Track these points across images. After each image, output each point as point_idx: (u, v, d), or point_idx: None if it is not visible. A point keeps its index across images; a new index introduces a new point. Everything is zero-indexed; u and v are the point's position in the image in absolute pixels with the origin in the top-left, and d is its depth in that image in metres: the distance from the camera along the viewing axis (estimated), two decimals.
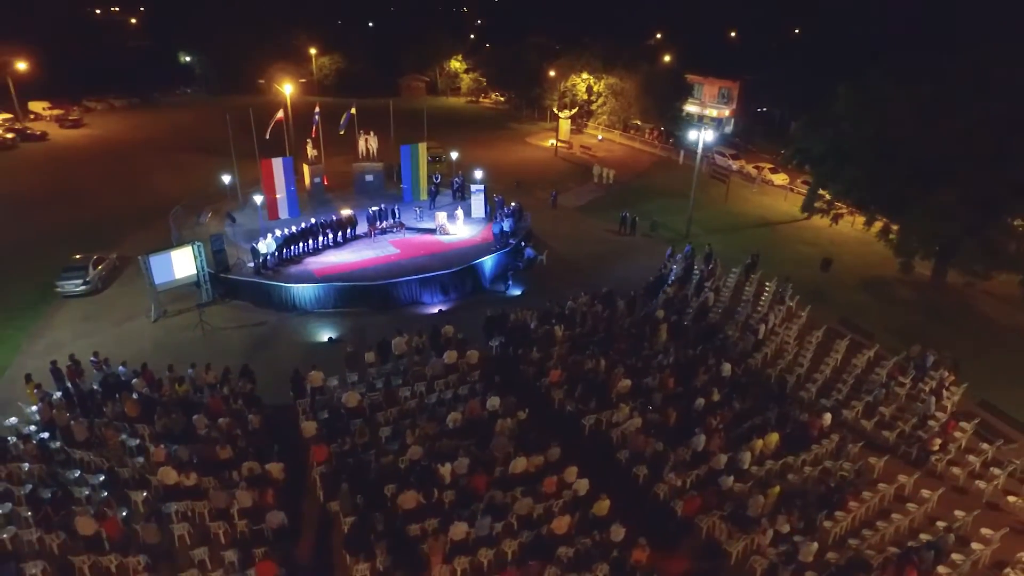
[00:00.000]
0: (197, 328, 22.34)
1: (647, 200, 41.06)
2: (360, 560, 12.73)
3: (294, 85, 44.04)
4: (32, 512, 13.55)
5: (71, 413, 16.58)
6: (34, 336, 22.09)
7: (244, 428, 16.05)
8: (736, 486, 15.29)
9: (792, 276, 27.33)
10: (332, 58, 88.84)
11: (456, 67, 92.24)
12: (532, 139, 61.53)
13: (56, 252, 27.00)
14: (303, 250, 26.38)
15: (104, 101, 70.66)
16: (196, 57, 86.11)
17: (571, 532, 13.61)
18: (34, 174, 42.92)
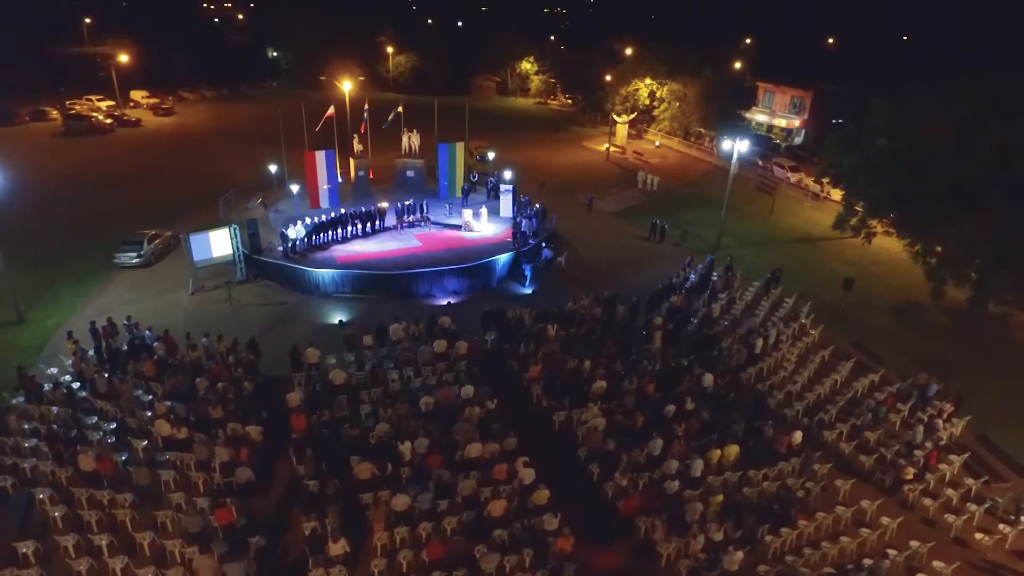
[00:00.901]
0: (226, 303, 24.55)
1: (688, 209, 40.75)
2: (311, 519, 14.03)
3: (353, 82, 46.27)
4: (49, 448, 15.73)
5: (99, 368, 18.88)
6: (89, 300, 24.95)
7: (239, 393, 17.76)
8: (687, 492, 15.60)
9: (818, 294, 26.78)
10: (408, 56, 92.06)
11: (527, 68, 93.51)
12: (588, 143, 61.87)
13: (126, 227, 30.06)
14: (332, 238, 28.23)
15: (197, 92, 76.47)
16: (282, 53, 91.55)
17: (507, 516, 14.39)
18: (122, 156, 47.47)
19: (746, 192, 44.92)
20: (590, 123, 73.17)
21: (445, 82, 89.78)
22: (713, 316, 24.45)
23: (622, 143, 60.93)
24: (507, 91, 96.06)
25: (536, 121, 74.41)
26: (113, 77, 61.59)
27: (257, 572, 13.09)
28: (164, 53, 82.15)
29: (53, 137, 52.34)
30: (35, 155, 46.12)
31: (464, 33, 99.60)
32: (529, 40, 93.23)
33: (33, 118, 56.36)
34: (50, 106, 58.54)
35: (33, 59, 71.55)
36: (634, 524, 14.81)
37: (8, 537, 13.51)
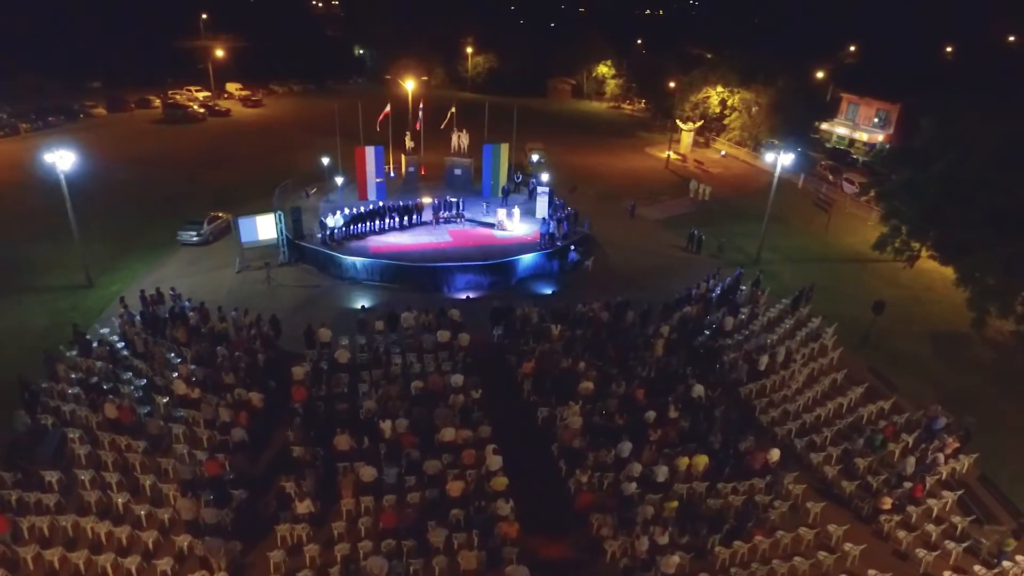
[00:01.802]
0: (265, 282, 26.76)
1: (737, 221, 39.96)
2: (289, 480, 15.50)
3: (416, 82, 48.31)
4: (85, 395, 18.07)
5: (139, 331, 21.29)
6: (150, 271, 27.87)
7: (252, 364, 19.60)
8: (648, 496, 15.93)
9: (856, 317, 25.95)
10: (487, 57, 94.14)
11: (603, 72, 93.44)
12: (651, 149, 61.41)
13: (196, 208, 33.20)
14: (369, 229, 30.01)
15: (286, 85, 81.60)
16: (368, 51, 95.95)
17: (465, 497, 15.31)
18: (207, 144, 51.81)
19: (804, 207, 43.51)
20: (659, 129, 72.41)
21: (521, 83, 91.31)
22: (725, 329, 24.25)
23: (686, 151, 60.11)
24: (582, 94, 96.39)
25: (604, 125, 74.43)
26: (209, 70, 66.97)
27: (233, 521, 14.63)
28: (265, 48, 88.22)
29: (152, 123, 57.75)
30: (133, 139, 51.20)
31: (544, 35, 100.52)
32: (610, 43, 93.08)
33: (138, 105, 62.35)
34: (154, 95, 64.46)
35: (152, 51, 78.17)
36: (588, 520, 15.33)
37: (39, 466, 15.76)
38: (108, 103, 60.90)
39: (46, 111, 53.85)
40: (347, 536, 14.54)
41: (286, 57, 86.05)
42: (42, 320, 22.99)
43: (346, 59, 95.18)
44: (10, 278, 26.11)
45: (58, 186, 24.66)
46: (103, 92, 65.97)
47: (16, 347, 21.08)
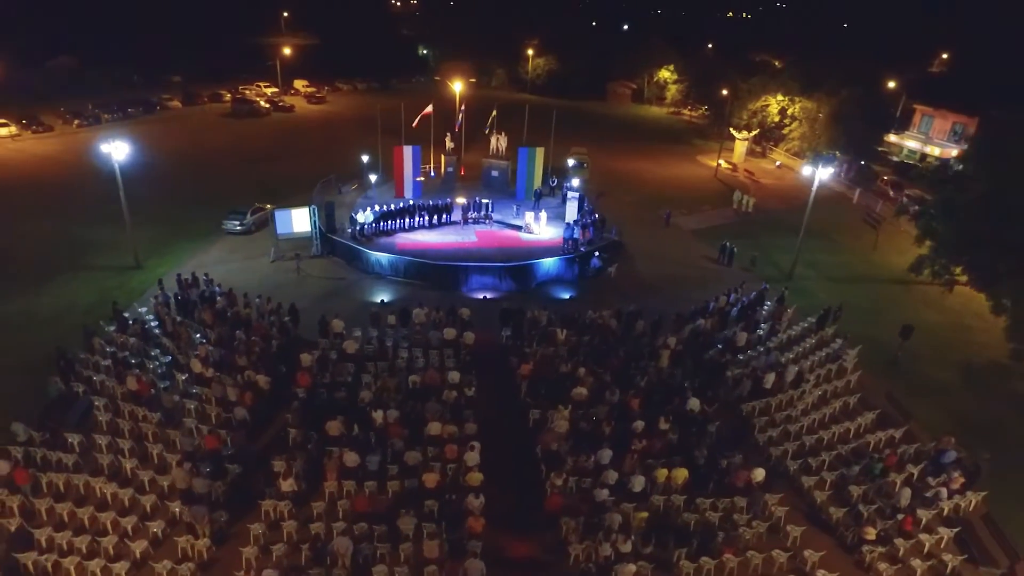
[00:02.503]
0: (295, 272, 28.21)
1: (778, 235, 38.84)
2: (280, 459, 16.51)
3: (463, 83, 49.32)
4: (113, 368, 19.72)
5: (170, 311, 22.96)
6: (193, 256, 29.88)
7: (266, 348, 20.84)
8: (624, 505, 16.06)
9: (890, 341, 24.98)
10: (547, 59, 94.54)
11: (665, 77, 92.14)
12: (703, 157, 60.30)
13: (246, 198, 35.16)
14: (398, 226, 31.06)
15: (351, 83, 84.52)
16: (431, 50, 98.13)
17: (439, 489, 15.89)
18: (267, 138, 54.56)
19: (854, 223, 41.90)
20: (716, 137, 70.85)
21: (580, 86, 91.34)
22: (737, 345, 23.86)
23: (738, 160, 58.72)
24: (643, 99, 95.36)
25: (659, 131, 73.49)
26: (277, 66, 70.32)
27: (225, 493, 15.74)
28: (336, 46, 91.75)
29: (220, 117, 61.25)
30: (200, 132, 54.52)
31: (608, 37, 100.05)
32: (673, 48, 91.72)
33: (211, 100, 66.19)
34: (226, 90, 68.26)
35: (232, 48, 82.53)
36: (558, 522, 15.61)
37: (65, 428, 17.39)
38: (183, 97, 65.02)
39: (127, 103, 58.01)
40: (325, 516, 15.39)
41: (354, 55, 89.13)
42: (91, 296, 25.08)
43: (411, 59, 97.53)
44: (70, 257, 28.61)
45: (123, 172, 26.80)
46: (182, 86, 70.44)
47: (66, 320, 23.13)
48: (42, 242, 30.09)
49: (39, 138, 48.64)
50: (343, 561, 13.92)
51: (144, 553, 14.14)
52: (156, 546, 14.46)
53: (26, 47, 63.97)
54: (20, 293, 25.31)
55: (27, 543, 14.17)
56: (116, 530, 14.68)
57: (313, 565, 13.89)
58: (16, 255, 28.59)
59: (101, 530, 14.71)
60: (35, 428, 17.25)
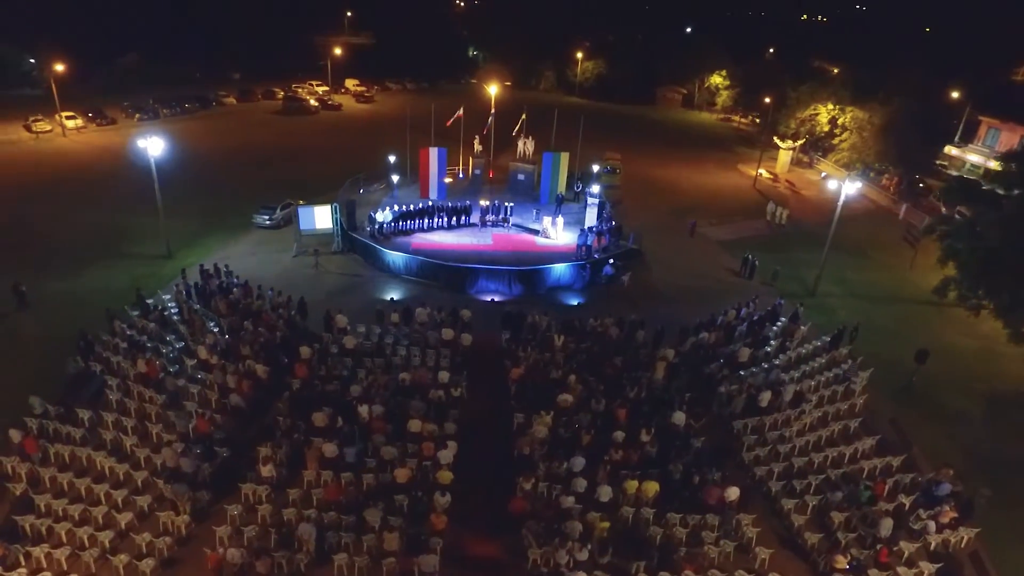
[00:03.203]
0: (313, 268, 29.32)
1: (810, 249, 37.51)
2: (266, 446, 17.36)
3: (498, 86, 49.85)
4: (129, 350, 21.08)
5: (192, 299, 24.30)
6: (222, 248, 31.43)
7: (270, 340, 21.84)
8: (591, 515, 16.17)
9: (904, 362, 24.13)
10: (596, 63, 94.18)
11: (717, 82, 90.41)
12: (744, 166, 59.01)
13: (282, 194, 36.60)
14: (417, 226, 31.81)
15: (401, 83, 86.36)
16: (481, 52, 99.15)
17: (410, 484, 16.39)
18: (313, 135, 56.50)
19: (893, 240, 40.38)
20: (764, 145, 69.11)
21: (629, 90, 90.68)
22: (739, 360, 23.46)
23: (780, 171, 57.26)
24: (693, 104, 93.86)
25: (704, 138, 72.23)
26: (328, 66, 72.64)
27: (211, 474, 16.67)
28: (390, 46, 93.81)
29: (271, 114, 63.76)
30: (249, 128, 56.95)
31: (659, 41, 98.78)
32: (728, 52, 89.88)
33: (264, 97, 68.96)
34: (280, 87, 70.95)
35: (290, 46, 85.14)
36: (522, 526, 15.85)
37: (78, 404, 18.75)
38: (239, 94, 68.00)
39: (184, 99, 61.14)
40: (299, 503, 16.12)
41: (406, 55, 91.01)
42: (123, 282, 26.74)
43: (461, 59, 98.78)
44: (111, 244, 30.59)
45: (169, 166, 28.47)
46: (239, 83, 73.65)
47: (98, 303, 24.65)
48: (89, 229, 32.24)
49: (102, 130, 51.92)
50: (307, 547, 14.59)
51: (129, 524, 15.18)
52: (141, 519, 15.48)
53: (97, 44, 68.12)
54: (62, 275, 27.27)
55: (28, 507, 15.42)
56: (108, 501, 15.78)
57: (279, 548, 14.60)
58: (65, 240, 30.76)
59: (95, 500, 15.84)
60: (53, 402, 18.65)
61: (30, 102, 54.72)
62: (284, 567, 14.37)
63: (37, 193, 37.02)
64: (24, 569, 13.85)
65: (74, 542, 14.64)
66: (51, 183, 39.09)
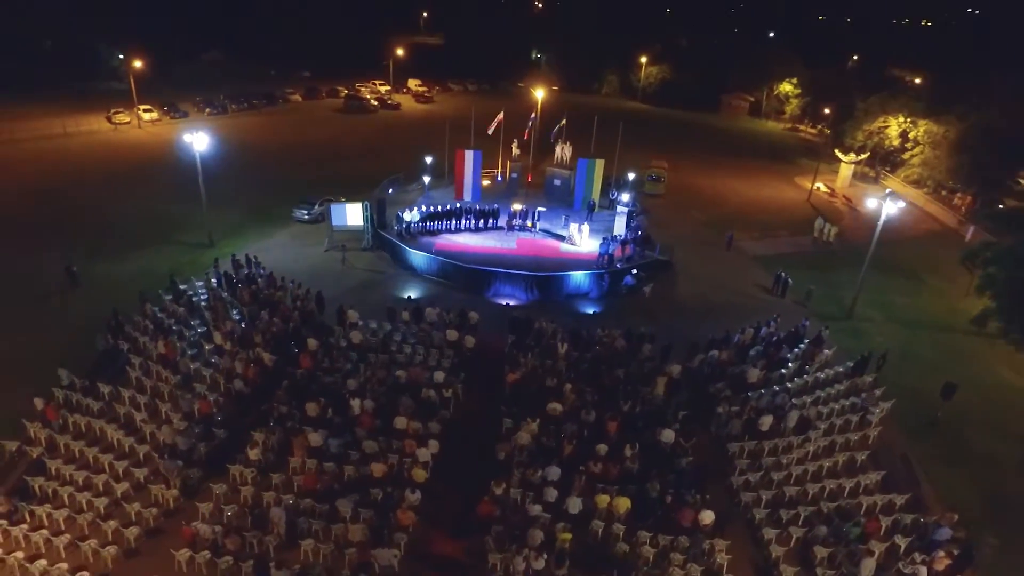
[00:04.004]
0: (341, 263, 30.44)
1: (854, 270, 35.57)
2: (260, 431, 18.30)
3: (545, 90, 49.94)
4: (155, 331, 22.62)
5: (215, 287, 25.78)
6: (259, 239, 33.04)
7: (283, 330, 22.91)
8: (560, 525, 16.20)
9: (930, 395, 22.82)
10: (660, 68, 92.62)
11: (787, 90, 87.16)
12: (801, 179, 56.68)
13: (326, 190, 38.07)
14: (444, 227, 32.45)
15: (463, 84, 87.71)
16: (544, 54, 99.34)
17: (385, 479, 16.90)
18: (368, 133, 58.36)
19: (950, 264, 37.92)
20: (827, 157, 66.07)
21: (693, 96, 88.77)
22: (748, 381, 22.74)
23: (841, 185, 54.69)
24: (760, 113, 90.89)
25: (766, 148, 69.72)
26: (390, 66, 74.76)
27: (206, 453, 17.72)
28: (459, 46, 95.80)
29: (333, 112, 66.23)
30: (309, 124, 59.40)
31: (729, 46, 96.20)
32: (801, 59, 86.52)
33: (328, 95, 71.67)
34: (344, 86, 73.56)
35: (361, 46, 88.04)
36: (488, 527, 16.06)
37: (101, 378, 20.30)
38: (305, 91, 70.97)
39: (252, 95, 64.41)
40: (280, 487, 16.92)
41: (471, 57, 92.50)
42: (165, 267, 28.58)
43: (524, 62, 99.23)
44: (159, 231, 32.77)
45: (225, 159, 30.26)
46: (309, 81, 76.85)
47: (138, 285, 26.54)
48: (143, 216, 34.64)
49: (175, 123, 55.41)
50: (277, 530, 15.32)
51: (124, 493, 16.37)
52: (137, 489, 16.66)
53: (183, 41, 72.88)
54: (112, 258, 29.48)
55: (41, 470, 16.89)
56: (110, 471, 17.08)
57: (252, 528, 15.40)
58: (120, 225, 33.21)
59: (99, 469, 17.17)
60: (81, 376, 20.29)
61: (116, 95, 59.07)
62: (255, 547, 15.14)
63: (104, 180, 40.09)
64: (26, 526, 15.19)
65: (74, 505, 15.95)
66: (119, 171, 42.20)
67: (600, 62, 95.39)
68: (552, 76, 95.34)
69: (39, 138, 47.13)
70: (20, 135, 46.44)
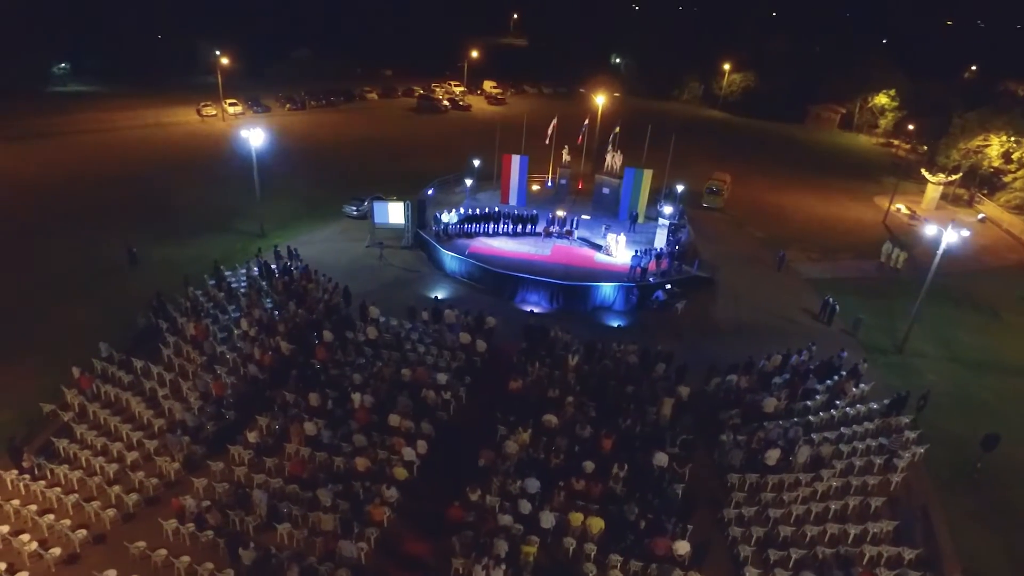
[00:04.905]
0: (378, 260, 31.47)
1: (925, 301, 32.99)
2: (264, 416, 19.33)
3: (606, 97, 49.33)
4: (192, 313, 24.29)
5: (255, 276, 27.32)
6: (308, 232, 34.64)
7: (307, 320, 24.01)
8: (532, 537, 16.17)
9: (972, 443, 21.05)
10: (744, 75, 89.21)
11: (883, 102, 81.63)
12: (881, 198, 52.98)
13: (381, 187, 39.38)
14: (481, 230, 32.82)
15: (538, 87, 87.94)
16: (624, 59, 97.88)
17: (367, 473, 17.43)
18: (435, 133, 59.71)
19: None
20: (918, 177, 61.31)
21: (778, 106, 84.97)
22: (764, 411, 21.70)
23: (926, 208, 50.76)
24: (851, 126, 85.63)
25: (851, 164, 65.68)
26: (464, 67, 76.15)
27: (209, 432, 18.88)
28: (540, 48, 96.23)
29: (405, 111, 68.22)
30: (379, 122, 61.51)
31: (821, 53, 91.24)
32: (903, 69, 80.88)
33: (404, 94, 73.88)
34: (420, 86, 75.56)
35: (449, 46, 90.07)
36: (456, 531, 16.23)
37: (136, 354, 22.04)
38: (382, 90, 73.50)
39: (331, 92, 67.38)
40: (273, 471, 17.80)
41: (549, 59, 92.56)
42: (217, 254, 30.45)
43: (602, 66, 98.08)
44: (219, 220, 35.03)
45: (292, 152, 31.99)
46: (390, 79, 79.54)
47: (191, 268, 28.54)
48: (208, 204, 37.14)
49: (257, 117, 58.89)
50: (258, 511, 16.16)
51: (134, 462, 17.76)
52: (144, 459, 18.01)
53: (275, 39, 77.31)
54: (172, 242, 31.84)
55: (68, 433, 18.59)
56: (126, 441, 18.55)
57: (236, 507, 16.32)
58: (187, 212, 35.79)
59: (117, 437, 18.69)
60: (120, 350, 22.13)
61: (209, 89, 63.41)
62: (236, 524, 16.04)
63: (182, 168, 43.24)
64: (44, 482, 16.79)
65: (88, 468, 17.46)
66: (196, 161, 45.37)
67: (682, 67, 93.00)
68: (628, 81, 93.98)
69: (134, 127, 51.50)
70: (120, 123, 50.98)
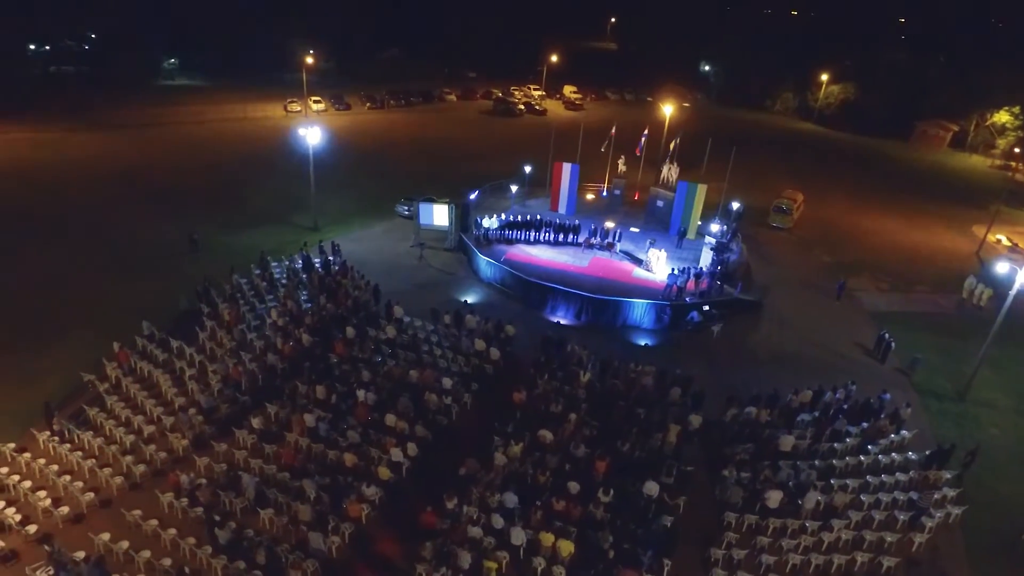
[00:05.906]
0: (418, 260, 32.19)
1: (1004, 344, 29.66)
2: (274, 404, 20.31)
3: (675, 107, 47.84)
4: (231, 299, 25.85)
5: (296, 270, 28.68)
6: (360, 229, 35.93)
7: (333, 314, 24.96)
8: (499, 553, 16.08)
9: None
10: (844, 87, 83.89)
11: (1004, 120, 74.21)
12: (981, 227, 48.11)
13: (439, 189, 40.19)
14: (522, 237, 32.81)
15: (620, 93, 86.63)
16: (714, 67, 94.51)
17: (354, 469, 17.92)
18: (505, 136, 60.06)
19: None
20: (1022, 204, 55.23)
21: (879, 122, 79.34)
22: (780, 449, 20.41)
23: None
24: (964, 145, 78.32)
25: (955, 188, 59.83)
26: (544, 71, 76.28)
27: (223, 414, 20.04)
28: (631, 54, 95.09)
29: (481, 114, 69.22)
30: (454, 124, 62.72)
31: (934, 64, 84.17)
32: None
33: (483, 97, 75.04)
34: (499, 88, 76.42)
35: (538, 48, 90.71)
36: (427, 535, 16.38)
37: (175, 335, 23.72)
38: (462, 92, 74.94)
39: (411, 93, 69.45)
40: (271, 458, 18.67)
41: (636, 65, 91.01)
42: (271, 244, 32.32)
43: (690, 73, 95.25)
44: (280, 212, 37.02)
45: (362, 150, 33.44)
46: (474, 81, 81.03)
47: (246, 256, 30.30)
48: (273, 197, 39.32)
49: (338, 115, 61.72)
50: (246, 494, 17.00)
51: (149, 436, 19.16)
52: (160, 435, 19.38)
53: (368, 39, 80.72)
54: (233, 231, 34.03)
55: (100, 403, 20.32)
56: (148, 415, 20.04)
57: (227, 489, 17.25)
58: (252, 202, 38.15)
59: (139, 410, 20.22)
60: (163, 330, 23.91)
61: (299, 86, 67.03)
62: (226, 504, 16.96)
63: (259, 160, 46.01)
64: (69, 445, 18.45)
65: (111, 437, 19.00)
66: (274, 154, 48.04)
67: (777, 78, 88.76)
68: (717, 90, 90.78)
69: (224, 120, 55.37)
70: (209, 117, 54.94)
